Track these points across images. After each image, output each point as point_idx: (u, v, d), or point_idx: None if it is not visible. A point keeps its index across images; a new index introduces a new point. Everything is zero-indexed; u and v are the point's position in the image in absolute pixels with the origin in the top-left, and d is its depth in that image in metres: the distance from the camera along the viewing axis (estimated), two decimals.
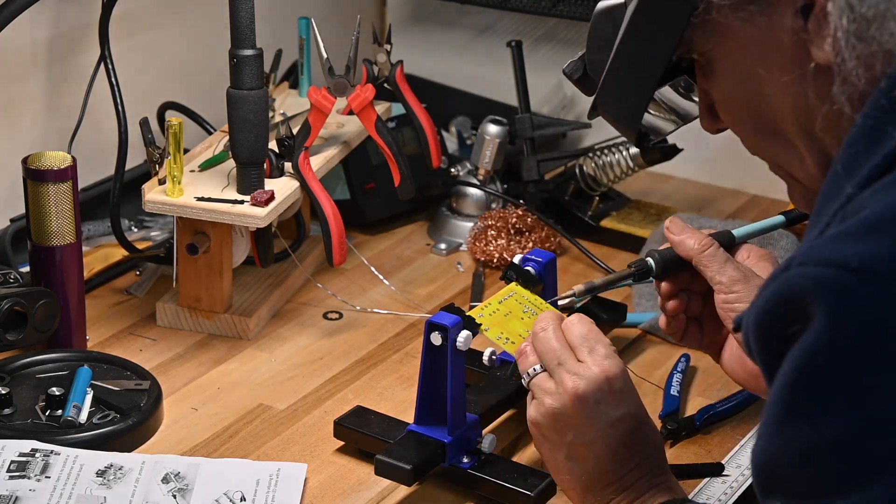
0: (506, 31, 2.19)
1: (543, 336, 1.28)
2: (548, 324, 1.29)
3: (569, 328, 1.28)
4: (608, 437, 1.24)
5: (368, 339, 1.69)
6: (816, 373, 0.91)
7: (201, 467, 1.40)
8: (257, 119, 1.62)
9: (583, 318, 1.29)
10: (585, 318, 1.29)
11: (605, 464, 1.24)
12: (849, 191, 0.97)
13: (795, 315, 0.93)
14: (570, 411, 1.24)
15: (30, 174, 1.54)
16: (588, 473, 1.25)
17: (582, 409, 1.24)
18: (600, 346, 1.26)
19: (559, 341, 1.27)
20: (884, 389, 0.89)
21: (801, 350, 0.92)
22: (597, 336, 1.27)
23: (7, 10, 1.61)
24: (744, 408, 1.55)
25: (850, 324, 0.90)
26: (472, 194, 1.95)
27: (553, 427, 1.26)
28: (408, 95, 1.80)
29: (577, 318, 1.29)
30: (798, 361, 0.92)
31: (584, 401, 1.24)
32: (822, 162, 1.08)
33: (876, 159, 0.97)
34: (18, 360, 1.53)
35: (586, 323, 1.29)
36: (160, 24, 1.94)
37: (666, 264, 1.37)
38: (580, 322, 1.29)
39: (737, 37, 1.09)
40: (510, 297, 1.45)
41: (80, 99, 1.78)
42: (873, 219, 0.92)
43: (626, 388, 1.25)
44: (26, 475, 1.37)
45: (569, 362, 1.26)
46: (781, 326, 0.94)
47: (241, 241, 1.69)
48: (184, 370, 1.61)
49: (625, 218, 1.95)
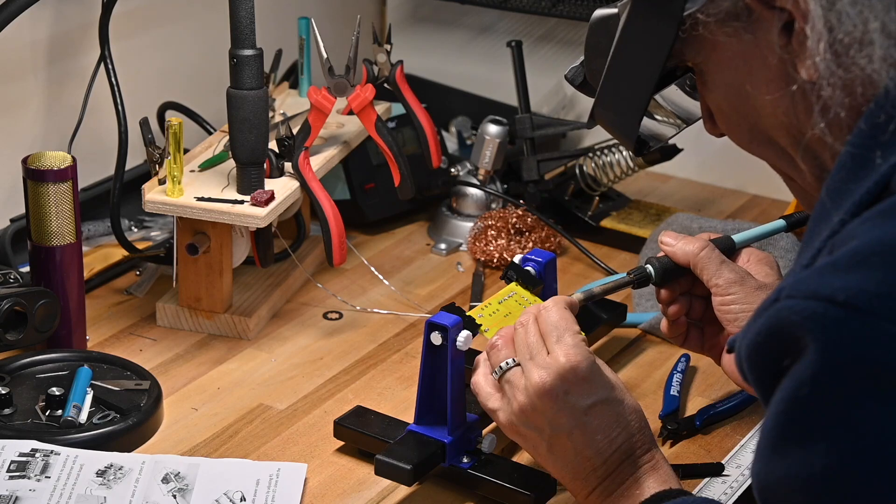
0: (506, 31, 2.19)
1: (521, 330, 1.29)
2: (528, 318, 1.29)
3: (542, 316, 1.28)
4: (585, 424, 1.25)
5: (368, 339, 1.69)
6: (807, 403, 0.93)
7: (201, 467, 1.40)
8: (257, 119, 1.62)
9: (558, 303, 1.29)
10: (560, 304, 1.29)
11: (587, 450, 1.25)
12: (840, 217, 0.98)
13: (787, 347, 0.94)
14: (540, 406, 1.25)
15: (30, 174, 1.54)
16: (572, 462, 1.26)
17: (552, 402, 1.25)
18: (567, 336, 1.26)
19: (535, 335, 1.28)
20: (872, 421, 0.90)
21: (792, 381, 0.94)
22: (566, 324, 1.27)
23: (7, 10, 1.61)
24: (744, 408, 1.55)
25: (838, 357, 0.91)
26: (472, 194, 1.95)
27: (528, 423, 1.26)
28: (408, 95, 1.80)
29: (552, 303, 1.29)
30: (790, 392, 0.94)
31: (552, 394, 1.24)
32: (818, 174, 1.09)
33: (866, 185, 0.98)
34: (18, 360, 1.53)
35: (559, 309, 1.29)
36: (160, 24, 1.94)
37: (665, 271, 1.38)
38: (554, 308, 1.29)
39: (725, 51, 1.10)
40: (510, 298, 1.45)
41: (80, 99, 1.78)
42: (862, 252, 0.93)
43: (593, 374, 1.25)
44: (26, 475, 1.37)
45: (539, 355, 1.26)
46: (773, 359, 0.96)
47: (241, 241, 1.69)
48: (184, 370, 1.61)
49: (625, 218, 1.95)
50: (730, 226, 1.72)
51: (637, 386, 1.60)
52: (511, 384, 1.28)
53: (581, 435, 1.25)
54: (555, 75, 2.17)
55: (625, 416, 1.26)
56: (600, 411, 1.25)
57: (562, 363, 1.24)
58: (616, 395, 1.26)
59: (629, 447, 1.26)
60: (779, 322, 0.94)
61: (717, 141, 1.35)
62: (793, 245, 1.67)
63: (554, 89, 2.17)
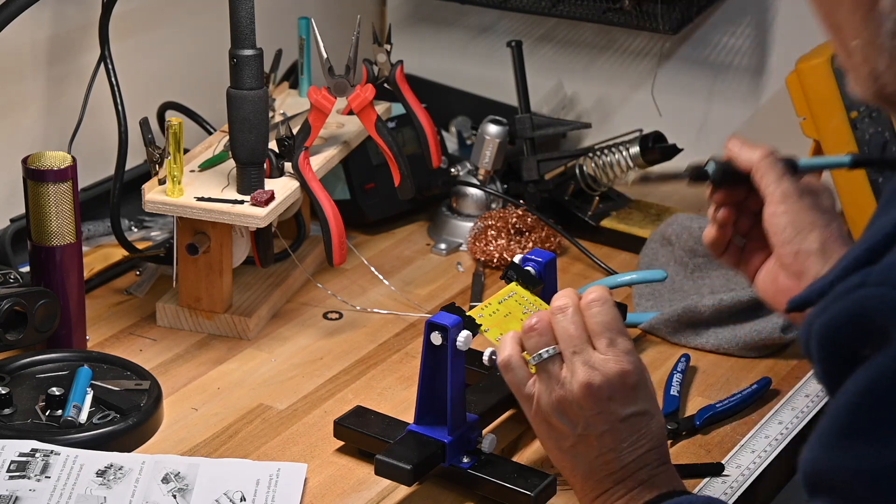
0: (506, 31, 2.19)
1: (562, 318, 1.25)
2: (567, 304, 1.25)
3: (590, 312, 1.25)
4: (618, 431, 1.23)
5: (368, 339, 1.69)
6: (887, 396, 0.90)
7: (201, 467, 1.40)
8: (257, 119, 1.62)
9: (606, 300, 1.26)
10: (609, 301, 1.26)
11: (610, 455, 1.24)
12: None
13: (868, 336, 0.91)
14: (580, 402, 1.23)
15: (30, 174, 1.54)
16: (591, 463, 1.25)
17: (593, 403, 1.22)
18: (621, 340, 1.24)
19: (578, 327, 1.24)
20: None
21: (871, 371, 0.91)
22: (619, 326, 1.25)
23: (7, 10, 1.61)
24: (744, 408, 1.55)
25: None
26: (472, 194, 1.95)
27: (562, 416, 1.24)
28: (408, 95, 1.80)
29: (599, 298, 1.25)
30: (868, 383, 0.91)
31: (596, 395, 1.22)
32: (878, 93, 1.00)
33: None
34: (18, 360, 1.53)
35: (609, 309, 1.25)
36: (160, 24, 1.94)
37: (725, 172, 1.34)
38: (603, 306, 1.25)
39: None
40: (510, 298, 1.45)
41: (80, 99, 1.78)
42: None
43: (640, 384, 1.24)
44: (26, 475, 1.37)
45: (586, 351, 1.23)
46: (850, 345, 0.93)
47: (241, 241, 1.69)
48: (184, 370, 1.61)
49: (625, 218, 1.95)
50: None
51: None
52: (550, 374, 1.25)
53: (610, 439, 1.24)
54: (555, 75, 2.17)
55: (654, 430, 1.25)
56: (635, 422, 1.24)
57: (613, 368, 1.22)
58: (652, 408, 1.25)
59: (648, 459, 1.25)
60: (863, 309, 0.91)
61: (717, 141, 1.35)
62: None
63: (554, 89, 2.17)
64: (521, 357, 1.28)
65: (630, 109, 2.13)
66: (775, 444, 1.50)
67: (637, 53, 2.12)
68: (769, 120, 2.04)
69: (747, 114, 2.07)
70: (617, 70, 2.14)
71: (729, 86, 2.07)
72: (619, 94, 2.14)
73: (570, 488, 1.41)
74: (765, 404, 1.57)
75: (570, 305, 1.26)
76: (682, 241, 1.75)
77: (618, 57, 2.14)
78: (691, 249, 1.74)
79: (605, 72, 2.15)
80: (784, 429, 1.52)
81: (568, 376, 1.24)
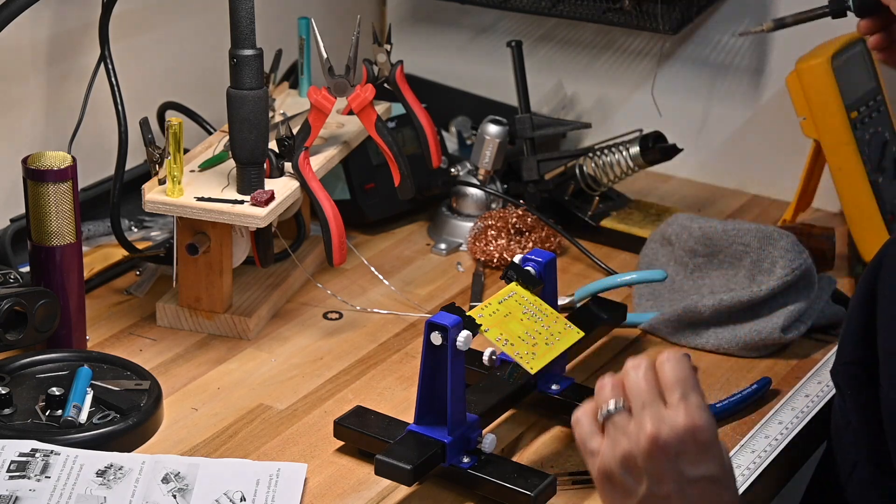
0: (506, 31, 2.19)
1: (634, 374, 1.17)
2: (640, 362, 1.18)
3: (664, 367, 1.17)
4: (685, 496, 1.14)
5: (368, 339, 1.69)
6: None
7: (201, 467, 1.40)
8: (257, 119, 1.62)
9: (681, 358, 1.18)
10: (684, 360, 1.18)
11: None
12: None
13: None
14: (646, 458, 1.14)
15: (30, 174, 1.54)
16: None
17: (661, 459, 1.13)
18: (693, 395, 1.15)
19: (649, 382, 1.16)
20: None
21: None
22: (694, 383, 1.16)
23: (7, 10, 1.61)
24: (744, 408, 1.55)
25: None
26: (472, 194, 1.95)
27: (627, 472, 1.15)
28: (408, 95, 1.80)
29: (674, 357, 1.18)
30: None
31: (664, 450, 1.13)
32: None
33: None
34: (18, 360, 1.53)
35: (685, 367, 1.17)
36: (160, 24, 1.94)
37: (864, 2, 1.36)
38: (679, 363, 1.17)
39: None
40: (510, 298, 1.45)
41: (80, 99, 1.78)
42: None
43: (711, 444, 1.14)
44: (26, 475, 1.37)
45: (654, 405, 1.15)
46: None
47: (241, 241, 1.69)
48: (184, 370, 1.61)
49: (625, 218, 1.95)
50: (730, 226, 1.72)
51: None
52: (617, 427, 1.15)
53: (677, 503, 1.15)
54: (555, 75, 2.17)
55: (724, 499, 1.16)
56: (705, 488, 1.14)
57: (683, 422, 1.13)
58: (726, 477, 1.16)
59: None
60: None
61: (717, 141, 1.36)
62: (793, 245, 1.66)
63: (554, 89, 2.17)
64: (590, 412, 1.19)
65: (630, 109, 2.13)
66: (775, 444, 1.49)
67: (637, 53, 2.12)
68: (769, 120, 2.04)
69: (747, 114, 2.07)
70: (617, 70, 2.14)
71: (729, 86, 2.07)
72: (619, 94, 2.14)
73: (570, 488, 1.41)
74: (765, 404, 1.57)
75: (642, 362, 1.19)
76: (682, 241, 1.75)
77: (618, 57, 2.14)
78: (691, 249, 1.74)
79: (605, 72, 2.15)
80: (784, 429, 1.52)
81: (635, 430, 1.14)
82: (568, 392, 1.51)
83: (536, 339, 1.44)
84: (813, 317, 1.66)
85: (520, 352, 1.41)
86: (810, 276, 1.66)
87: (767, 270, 1.66)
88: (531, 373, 1.42)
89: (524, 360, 1.41)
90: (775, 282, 1.63)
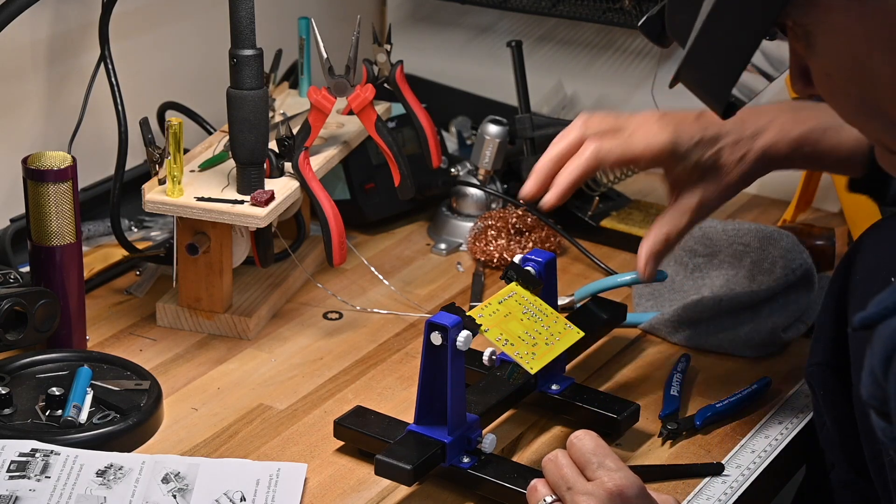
0: (506, 31, 2.19)
1: (551, 466, 1.24)
2: (554, 454, 1.25)
3: (574, 446, 1.24)
4: None
5: (368, 339, 1.69)
6: None
7: (201, 467, 1.40)
8: (257, 119, 1.62)
9: (588, 433, 1.26)
10: (591, 433, 1.26)
11: None
12: None
13: None
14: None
15: (30, 174, 1.54)
16: None
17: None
18: (609, 461, 1.22)
19: (567, 466, 1.23)
20: None
21: None
22: (604, 450, 1.23)
23: (7, 10, 1.61)
24: (744, 408, 1.55)
25: None
26: (472, 194, 1.95)
27: None
28: (408, 95, 1.80)
29: (582, 433, 1.26)
30: None
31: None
32: None
33: None
34: (18, 360, 1.53)
35: (592, 437, 1.25)
36: (160, 24, 1.94)
37: None
38: (586, 437, 1.25)
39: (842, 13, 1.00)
40: (510, 298, 1.45)
41: (80, 99, 1.78)
42: None
43: (641, 496, 1.21)
44: (26, 475, 1.37)
45: (578, 484, 1.22)
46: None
47: (241, 241, 1.69)
48: (184, 370, 1.61)
49: (625, 218, 1.95)
50: (730, 226, 1.72)
51: (637, 386, 1.60)
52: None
53: None
54: (555, 75, 2.17)
55: None
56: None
57: (609, 488, 1.20)
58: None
59: None
60: None
61: None
62: (793, 245, 1.66)
63: (554, 89, 2.17)
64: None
65: (630, 109, 2.11)
66: (775, 444, 1.50)
67: (637, 53, 2.12)
68: None
69: None
70: (617, 70, 2.14)
71: None
72: (619, 94, 2.14)
73: None
74: (765, 404, 1.57)
75: (556, 453, 1.25)
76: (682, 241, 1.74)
77: (618, 57, 2.14)
78: (691, 249, 1.74)
79: (605, 72, 2.15)
80: (784, 429, 1.52)
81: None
82: (568, 392, 1.51)
83: (536, 339, 1.44)
84: (813, 317, 1.66)
85: (520, 352, 1.41)
86: (810, 276, 1.66)
87: (767, 270, 1.66)
88: (531, 373, 1.42)
89: (524, 360, 1.41)
90: (775, 282, 1.64)
